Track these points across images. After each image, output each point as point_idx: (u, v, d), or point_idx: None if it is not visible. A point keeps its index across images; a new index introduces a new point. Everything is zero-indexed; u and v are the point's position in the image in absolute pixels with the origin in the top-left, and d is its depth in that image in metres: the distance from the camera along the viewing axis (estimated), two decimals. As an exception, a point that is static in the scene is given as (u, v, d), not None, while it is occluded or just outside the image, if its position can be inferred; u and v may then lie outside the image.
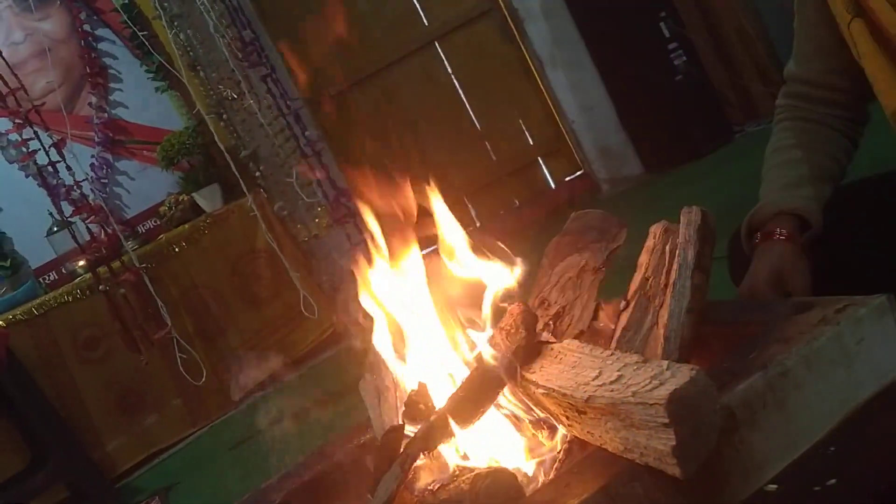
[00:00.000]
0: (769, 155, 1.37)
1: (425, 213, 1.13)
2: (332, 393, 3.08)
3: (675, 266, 0.98)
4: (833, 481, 0.78)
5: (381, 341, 1.15)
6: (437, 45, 4.58)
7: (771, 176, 1.33)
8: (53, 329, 3.59)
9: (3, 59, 3.53)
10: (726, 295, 1.26)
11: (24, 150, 3.61)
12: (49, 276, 4.15)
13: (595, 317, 1.17)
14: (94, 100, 4.30)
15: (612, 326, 1.04)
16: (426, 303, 1.11)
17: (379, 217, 1.14)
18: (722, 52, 4.23)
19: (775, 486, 0.81)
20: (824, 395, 0.86)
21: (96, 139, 4.30)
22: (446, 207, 1.14)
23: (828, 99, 1.33)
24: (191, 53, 3.93)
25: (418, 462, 0.98)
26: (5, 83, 3.43)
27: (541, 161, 4.69)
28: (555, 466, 0.95)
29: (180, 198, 4.12)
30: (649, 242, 1.04)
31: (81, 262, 3.79)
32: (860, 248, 1.22)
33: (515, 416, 1.02)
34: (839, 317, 0.87)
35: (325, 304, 3.95)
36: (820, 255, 1.21)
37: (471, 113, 4.60)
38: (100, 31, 4.33)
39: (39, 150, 3.48)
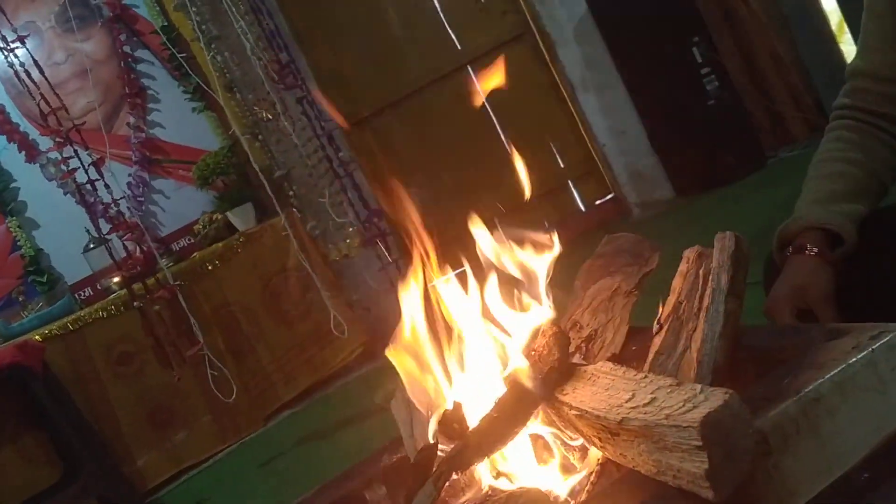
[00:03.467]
0: (813, 164, 1.35)
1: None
2: (362, 412, 3.10)
3: (708, 290, 0.98)
4: (867, 508, 0.78)
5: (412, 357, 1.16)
6: (469, 68, 4.62)
7: (809, 187, 1.31)
8: (88, 344, 3.64)
9: (46, 78, 3.62)
10: (759, 320, 1.26)
11: (64, 168, 3.68)
12: (85, 291, 4.22)
13: (627, 340, 1.18)
14: (132, 119, 4.39)
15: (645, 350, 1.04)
16: (465, 321, 1.12)
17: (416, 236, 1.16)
18: (755, 78, 4.22)
19: (809, 512, 0.81)
20: (858, 421, 0.86)
21: (134, 158, 4.38)
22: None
23: (889, 94, 1.30)
24: (227, 75, 4.00)
25: (451, 481, 0.99)
26: (47, 102, 3.51)
27: (571, 184, 4.69)
28: (587, 488, 0.95)
29: (214, 216, 4.18)
30: (683, 267, 1.05)
31: (116, 279, 3.86)
32: None
33: (548, 438, 1.03)
34: (873, 343, 0.87)
35: (354, 323, 3.98)
36: (858, 276, 1.20)
37: (502, 136, 4.63)
38: (139, 53, 4.42)
39: (79, 168, 3.55)
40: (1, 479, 3.35)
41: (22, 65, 3.61)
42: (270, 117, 3.92)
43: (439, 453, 1.00)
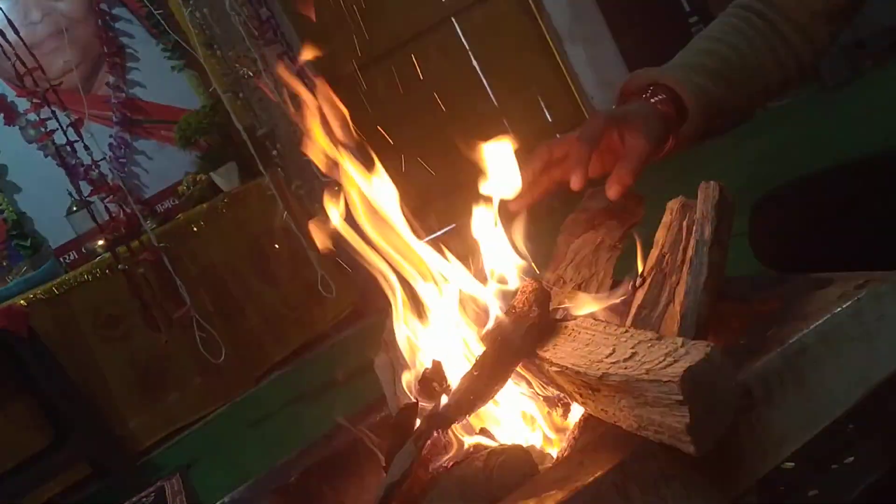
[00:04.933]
0: (694, 39, 1.18)
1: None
2: (350, 371, 3.10)
3: (692, 242, 0.96)
4: (851, 459, 0.77)
5: (397, 320, 1.15)
6: (454, 21, 4.55)
7: (679, 54, 1.15)
8: (74, 308, 3.62)
9: (21, 38, 3.54)
10: (744, 272, 1.25)
11: (43, 129, 3.63)
12: (69, 255, 4.19)
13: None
14: (111, 79, 4.32)
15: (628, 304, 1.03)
16: (443, 277, 1.10)
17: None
18: (743, 26, 4.16)
19: (792, 464, 0.81)
20: (843, 372, 0.84)
21: (114, 119, 4.32)
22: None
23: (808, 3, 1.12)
24: (207, 32, 3.93)
25: (432, 439, 0.98)
26: (23, 63, 3.44)
27: (559, 138, 4.65)
28: (569, 444, 0.94)
29: (198, 177, 4.13)
30: (666, 218, 1.02)
31: (101, 242, 3.83)
32: (886, 221, 1.18)
33: (529, 394, 1.02)
34: (859, 292, 0.86)
35: (342, 283, 3.96)
36: (847, 226, 1.18)
37: (488, 90, 4.57)
38: (116, 11, 4.34)
39: (57, 129, 3.50)
40: (-9, 444, 3.35)
41: (-4, 25, 3.54)
42: (252, 74, 3.86)
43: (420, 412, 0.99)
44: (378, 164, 1.07)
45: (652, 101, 1.06)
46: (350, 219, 1.07)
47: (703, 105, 1.06)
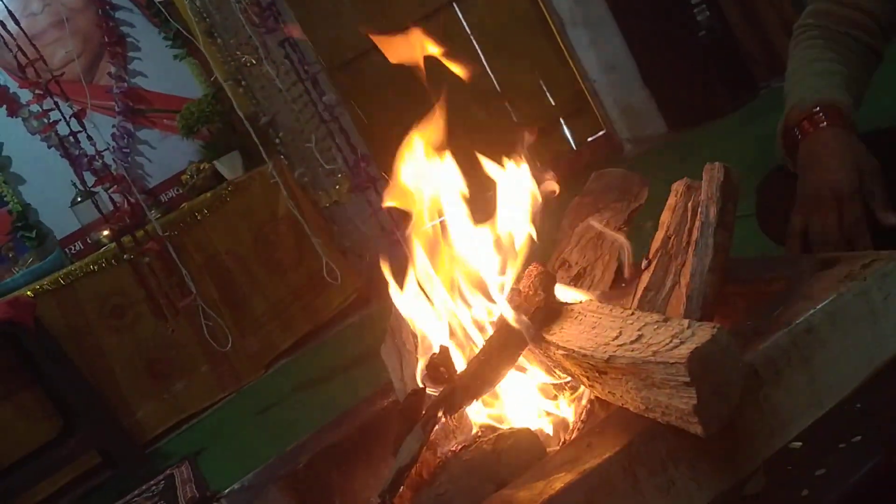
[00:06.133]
0: (795, 69, 1.27)
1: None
2: (357, 358, 3.11)
3: (697, 224, 0.96)
4: (858, 438, 0.77)
5: (403, 304, 1.15)
6: (455, 6, 4.53)
7: (802, 83, 1.22)
8: (80, 298, 3.63)
9: (22, 29, 3.54)
10: (750, 253, 1.25)
11: (46, 121, 3.62)
12: (74, 246, 4.19)
13: (616, 277, 1.16)
14: (113, 69, 4.30)
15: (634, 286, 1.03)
16: (448, 266, 1.10)
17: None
18: (746, 7, 4.14)
19: (800, 444, 0.81)
20: (850, 351, 0.84)
21: (116, 108, 4.31)
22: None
23: (853, 20, 1.25)
24: (207, 20, 3.91)
25: (440, 424, 0.98)
26: (24, 54, 3.44)
27: (562, 121, 4.64)
28: (576, 426, 0.94)
29: (202, 166, 4.13)
30: (671, 200, 1.02)
31: (106, 232, 3.83)
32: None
33: (537, 378, 1.02)
34: (865, 272, 0.86)
35: (347, 270, 3.96)
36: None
37: (490, 74, 4.56)
38: (116, 0, 4.31)
39: (60, 120, 3.50)
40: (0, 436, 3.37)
41: (-3, 16, 3.54)
42: (253, 62, 3.85)
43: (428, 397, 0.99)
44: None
45: (824, 124, 1.13)
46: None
47: (854, 113, 1.16)
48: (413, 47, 1.12)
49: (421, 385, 1.02)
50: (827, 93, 1.16)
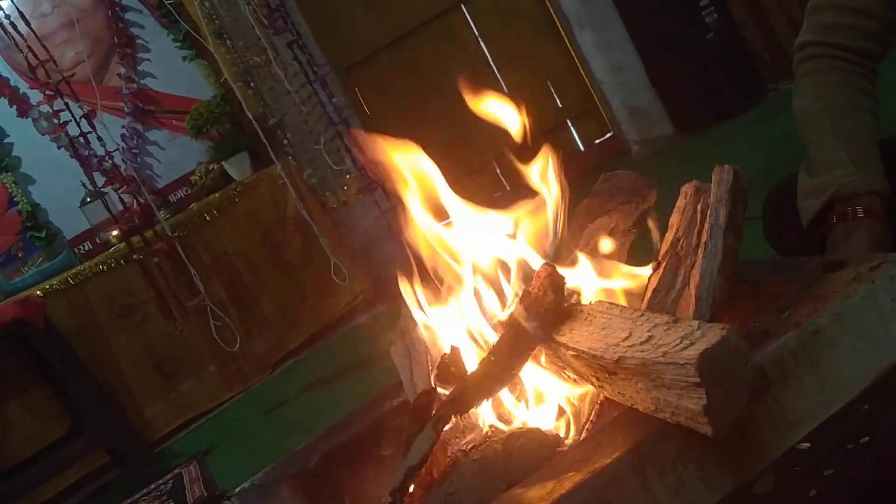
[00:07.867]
0: (816, 119, 1.28)
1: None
2: (364, 358, 3.12)
3: (706, 226, 0.97)
4: (866, 439, 0.77)
5: (414, 306, 1.16)
6: (463, 7, 4.53)
7: (835, 148, 1.23)
8: (90, 298, 3.65)
9: (33, 30, 3.56)
10: (758, 255, 1.25)
11: (56, 121, 3.64)
12: (84, 246, 4.22)
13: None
14: (122, 70, 4.33)
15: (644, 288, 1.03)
16: (459, 266, 1.11)
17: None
18: (755, 9, 4.13)
19: (808, 445, 0.81)
20: (858, 353, 0.85)
21: (126, 109, 4.33)
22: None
23: (859, 28, 1.25)
24: (216, 21, 3.92)
25: (451, 424, 0.99)
26: (35, 55, 3.45)
27: (569, 123, 4.64)
28: (586, 427, 0.95)
29: (210, 167, 4.14)
30: (680, 202, 1.03)
31: (115, 232, 3.85)
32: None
33: (547, 378, 1.03)
34: (873, 275, 0.86)
35: (355, 270, 3.97)
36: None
37: (498, 76, 4.56)
38: (126, 1, 4.34)
39: (70, 121, 3.51)
40: (10, 434, 3.39)
41: (7, 17, 3.56)
42: (262, 63, 3.86)
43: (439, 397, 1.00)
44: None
45: (862, 215, 1.15)
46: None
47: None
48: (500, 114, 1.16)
49: (432, 385, 1.03)
50: (866, 173, 1.18)
